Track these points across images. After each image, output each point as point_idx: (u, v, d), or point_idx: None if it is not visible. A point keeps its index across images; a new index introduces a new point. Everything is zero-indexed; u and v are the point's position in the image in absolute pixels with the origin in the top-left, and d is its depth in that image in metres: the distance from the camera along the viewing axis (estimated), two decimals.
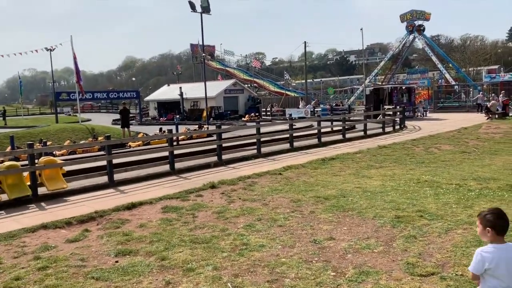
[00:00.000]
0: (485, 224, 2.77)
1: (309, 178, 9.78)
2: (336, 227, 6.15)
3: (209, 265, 4.88)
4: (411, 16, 54.26)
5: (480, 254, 2.76)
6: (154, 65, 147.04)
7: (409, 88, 30.39)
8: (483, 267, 2.73)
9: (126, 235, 6.14)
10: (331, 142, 16.27)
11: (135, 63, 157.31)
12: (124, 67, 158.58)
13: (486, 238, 2.80)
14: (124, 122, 23.55)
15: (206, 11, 29.27)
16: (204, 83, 34.33)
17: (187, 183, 9.97)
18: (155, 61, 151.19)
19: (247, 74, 66.15)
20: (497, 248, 2.74)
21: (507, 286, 2.72)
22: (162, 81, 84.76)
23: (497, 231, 2.74)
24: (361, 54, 67.60)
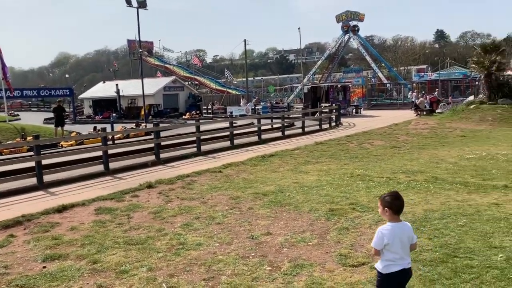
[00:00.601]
0: (384, 205, 3.14)
1: (248, 175, 9.84)
2: (273, 222, 6.23)
3: (144, 266, 4.76)
4: (346, 16, 56.33)
5: (381, 232, 3.12)
6: (89, 61, 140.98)
7: (344, 87, 31.53)
8: (383, 243, 3.10)
9: (56, 239, 5.83)
10: (271, 139, 16.48)
11: (69, 59, 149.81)
12: (57, 63, 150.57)
13: (386, 217, 3.16)
14: (58, 121, 22.50)
15: (142, 6, 28.52)
16: (141, 80, 33.46)
17: (122, 183, 9.66)
18: (90, 57, 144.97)
19: (188, 71, 65.30)
20: (394, 226, 3.13)
21: (401, 257, 3.13)
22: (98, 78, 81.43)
23: (394, 211, 3.12)
24: (300, 53, 69.07)
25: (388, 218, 3.15)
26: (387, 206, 3.12)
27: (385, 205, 3.13)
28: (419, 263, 4.51)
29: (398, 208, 3.14)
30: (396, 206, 3.12)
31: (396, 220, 3.15)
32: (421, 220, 5.97)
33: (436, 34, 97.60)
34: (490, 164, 10.08)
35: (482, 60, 22.66)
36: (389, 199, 3.13)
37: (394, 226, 3.12)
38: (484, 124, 19.37)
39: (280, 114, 20.51)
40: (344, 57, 79.74)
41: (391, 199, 3.13)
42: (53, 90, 46.66)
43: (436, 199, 7.08)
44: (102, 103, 46.83)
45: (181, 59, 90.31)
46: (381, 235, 3.11)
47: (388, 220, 3.16)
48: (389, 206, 3.11)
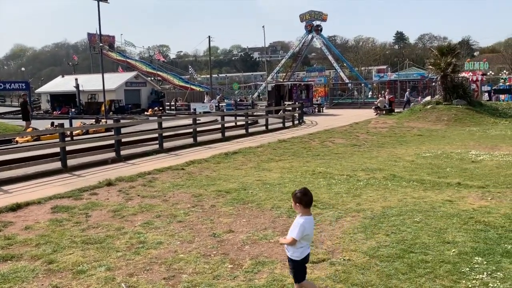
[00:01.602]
0: (295, 201, 3.61)
1: (211, 173, 9.79)
2: (235, 220, 6.23)
3: (102, 266, 4.64)
4: (310, 16, 57.03)
5: (303, 225, 3.54)
6: (48, 54, 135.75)
7: (307, 85, 31.93)
8: (303, 234, 3.55)
9: (9, 239, 5.59)
10: (234, 137, 16.47)
11: (25, 52, 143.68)
12: (12, 56, 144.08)
13: (298, 210, 3.62)
14: (24, 115, 22.00)
15: None
16: (102, 74, 32.62)
17: (81, 181, 9.38)
18: (49, 50, 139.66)
19: (150, 66, 64.19)
20: (308, 219, 3.60)
21: (308, 244, 3.70)
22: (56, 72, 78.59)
23: (304, 205, 3.58)
24: (264, 52, 69.35)
25: (301, 212, 3.60)
26: (298, 201, 3.57)
27: (296, 201, 3.58)
28: (376, 259, 4.63)
29: (307, 202, 3.59)
30: (305, 201, 3.58)
31: (308, 213, 3.62)
32: (379, 217, 6.13)
33: (396, 36, 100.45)
34: (445, 163, 10.49)
35: (438, 62, 23.49)
36: (299, 195, 3.58)
37: (308, 219, 3.59)
38: (439, 123, 20.13)
39: (244, 112, 20.49)
40: (308, 56, 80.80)
41: (301, 195, 3.58)
42: (8, 83, 44.43)
43: (394, 196, 7.30)
44: (60, 98, 45.29)
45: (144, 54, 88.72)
46: (303, 228, 3.53)
47: (301, 214, 3.60)
48: (300, 201, 3.57)
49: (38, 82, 72.50)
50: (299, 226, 3.52)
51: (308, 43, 61.60)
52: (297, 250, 3.60)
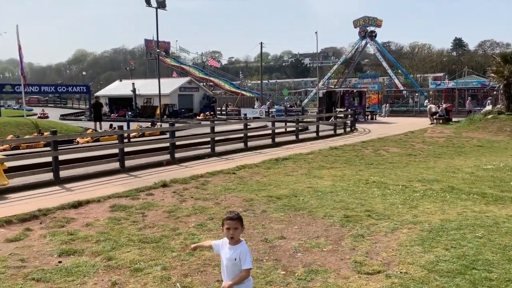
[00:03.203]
0: (239, 223, 3.22)
1: (262, 178, 9.83)
2: (287, 226, 6.20)
3: (158, 265, 4.77)
4: (364, 22, 56.00)
5: (251, 252, 3.31)
6: (107, 59, 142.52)
7: (360, 92, 31.34)
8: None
9: (71, 235, 5.89)
10: (284, 143, 16.45)
11: (86, 57, 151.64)
12: (75, 61, 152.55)
13: (237, 236, 3.24)
14: (96, 116, 23.62)
15: (161, 6, 28.76)
16: (158, 79, 33.73)
17: (137, 181, 9.72)
18: (108, 55, 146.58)
19: (203, 72, 65.61)
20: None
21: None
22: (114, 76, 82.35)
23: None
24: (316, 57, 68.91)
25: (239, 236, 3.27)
26: (241, 223, 3.24)
27: (240, 222, 3.22)
28: (435, 274, 4.44)
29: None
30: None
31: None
32: (437, 230, 5.88)
33: (454, 42, 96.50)
34: (508, 176, 9.89)
35: (501, 70, 22.28)
36: (240, 217, 3.26)
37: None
38: (501, 134, 19.05)
39: (294, 118, 20.42)
40: (360, 62, 79.32)
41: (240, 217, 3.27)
42: (70, 87, 47.33)
43: (453, 209, 6.97)
44: (118, 101, 47.29)
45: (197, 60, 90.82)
46: (251, 254, 3.27)
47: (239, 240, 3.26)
48: (242, 224, 3.25)
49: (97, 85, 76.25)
50: (249, 253, 3.24)
51: (361, 49, 60.50)
52: (250, 281, 3.30)
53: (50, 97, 71.74)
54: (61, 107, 66.07)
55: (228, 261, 3.24)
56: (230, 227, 3.20)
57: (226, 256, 3.25)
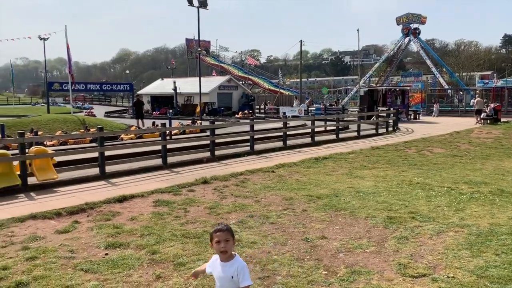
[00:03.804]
0: (230, 235, 2.82)
1: (301, 177, 9.77)
2: (328, 226, 6.14)
3: (201, 260, 4.84)
4: (407, 19, 54.48)
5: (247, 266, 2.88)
6: (149, 58, 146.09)
7: (403, 91, 30.52)
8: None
9: (117, 228, 6.07)
10: (324, 142, 16.28)
11: (129, 56, 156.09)
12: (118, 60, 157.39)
13: (229, 249, 2.83)
14: (138, 114, 24.40)
15: (203, 5, 29.13)
16: (199, 78, 34.22)
17: (179, 177, 9.91)
18: (150, 54, 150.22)
19: (242, 71, 66.01)
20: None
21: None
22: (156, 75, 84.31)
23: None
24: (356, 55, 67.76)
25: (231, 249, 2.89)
26: (232, 235, 2.85)
27: (231, 234, 2.84)
28: (485, 280, 4.26)
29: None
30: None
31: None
32: (486, 234, 5.64)
33: (504, 39, 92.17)
34: None
35: None
36: (230, 229, 2.89)
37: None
38: None
39: (334, 117, 20.19)
40: (403, 60, 77.27)
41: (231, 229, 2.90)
42: (115, 85, 48.76)
43: (503, 213, 6.67)
44: (159, 99, 48.39)
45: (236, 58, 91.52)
46: (248, 269, 2.88)
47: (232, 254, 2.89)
48: (233, 236, 2.86)
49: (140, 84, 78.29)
50: (247, 267, 2.85)
51: (404, 47, 58.90)
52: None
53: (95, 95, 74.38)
54: (105, 104, 68.43)
55: (223, 280, 2.83)
56: (220, 240, 2.80)
57: (220, 275, 2.84)
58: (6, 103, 65.10)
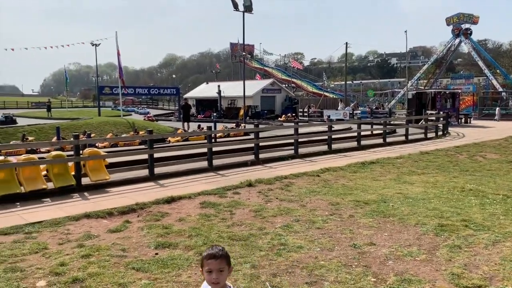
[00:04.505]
0: (226, 262, 2.41)
1: (348, 182, 9.62)
2: (376, 233, 6.00)
3: (247, 262, 4.87)
4: (458, 19, 52.45)
5: None
6: (194, 63, 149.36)
7: (453, 94, 29.40)
8: None
9: (166, 228, 6.23)
10: (370, 146, 15.96)
11: (176, 61, 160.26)
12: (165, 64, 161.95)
13: (224, 275, 2.42)
14: (185, 117, 25.06)
15: (248, 10, 29.41)
16: (243, 82, 34.54)
17: (224, 180, 10.03)
18: (195, 59, 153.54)
19: (285, 74, 66.00)
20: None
21: None
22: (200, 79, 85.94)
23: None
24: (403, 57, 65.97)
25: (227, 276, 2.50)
26: (228, 262, 2.42)
27: (227, 261, 2.41)
28: None
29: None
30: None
31: None
32: None
33: None
34: None
35: None
36: (227, 254, 2.47)
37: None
38: None
39: (381, 120, 19.75)
40: (453, 62, 74.43)
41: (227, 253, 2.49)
42: (162, 89, 50.21)
43: None
44: (204, 102, 49.31)
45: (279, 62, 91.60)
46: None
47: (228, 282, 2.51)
48: (229, 263, 2.44)
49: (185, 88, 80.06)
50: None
51: (454, 48, 56.69)
52: None
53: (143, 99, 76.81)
54: (152, 107, 70.45)
55: None
56: (212, 269, 2.36)
57: None
58: (60, 107, 68.47)
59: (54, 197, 8.43)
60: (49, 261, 5.02)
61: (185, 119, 25.41)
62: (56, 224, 6.52)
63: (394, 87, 72.76)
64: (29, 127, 25.48)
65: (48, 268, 4.79)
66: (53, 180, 8.72)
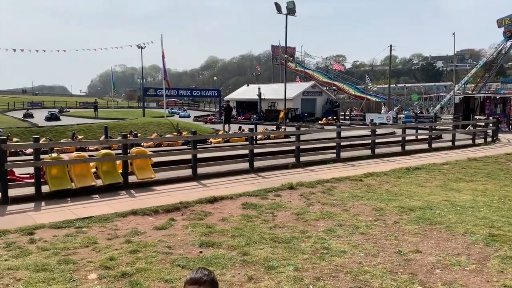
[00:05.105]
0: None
1: (392, 187, 9.42)
2: (422, 240, 5.85)
3: (290, 265, 4.87)
4: (510, 21, 50.20)
5: None
6: (234, 65, 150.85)
7: (504, 99, 28.11)
8: None
9: (209, 228, 6.33)
10: (415, 151, 15.54)
11: (217, 63, 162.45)
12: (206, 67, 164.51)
13: None
14: (227, 118, 25.52)
15: (291, 13, 29.40)
16: (285, 84, 34.55)
17: (265, 182, 10.07)
18: (236, 61, 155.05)
19: (327, 76, 65.43)
20: None
21: None
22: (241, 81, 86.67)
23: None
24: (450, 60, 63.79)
25: None
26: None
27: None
28: None
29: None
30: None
31: None
32: None
33: None
34: None
35: None
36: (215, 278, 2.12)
37: None
38: None
39: (426, 125, 19.18)
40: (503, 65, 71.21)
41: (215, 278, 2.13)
42: (204, 91, 51.09)
43: None
44: (244, 104, 49.65)
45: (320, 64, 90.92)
46: None
47: None
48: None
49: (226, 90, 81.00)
50: None
51: (506, 51, 54.30)
52: None
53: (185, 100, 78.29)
54: (194, 109, 71.69)
55: None
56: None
57: None
58: (106, 107, 70.98)
59: (102, 194, 8.76)
60: (99, 255, 5.22)
61: (227, 120, 25.74)
62: (105, 220, 6.78)
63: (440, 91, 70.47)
64: (78, 126, 26.63)
65: (99, 261, 4.98)
66: (102, 177, 9.06)
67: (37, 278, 4.49)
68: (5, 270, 4.72)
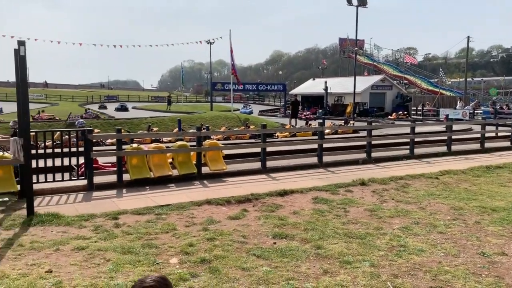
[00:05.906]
0: None
1: (471, 186, 8.94)
2: (508, 242, 5.51)
3: (366, 261, 4.81)
4: None
5: None
6: (300, 59, 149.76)
7: None
8: None
9: (281, 220, 6.41)
10: (495, 149, 14.58)
11: (282, 57, 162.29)
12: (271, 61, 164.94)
13: None
14: (293, 113, 25.72)
15: (362, 4, 28.70)
16: (354, 78, 33.89)
17: (335, 177, 9.97)
18: (301, 55, 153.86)
19: (397, 69, 63.00)
20: None
21: None
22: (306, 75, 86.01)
23: None
24: None
25: None
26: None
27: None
28: None
29: None
30: None
31: None
32: None
33: None
34: None
35: None
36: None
37: None
38: None
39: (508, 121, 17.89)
40: None
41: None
42: (269, 85, 51.40)
43: None
44: (310, 99, 49.31)
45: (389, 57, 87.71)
46: None
47: None
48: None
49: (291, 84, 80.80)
50: None
51: None
52: None
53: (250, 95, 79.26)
54: (259, 103, 72.38)
55: None
56: None
57: None
58: (176, 101, 73.70)
59: (178, 183, 9.16)
60: (179, 241, 5.49)
61: (293, 115, 25.75)
62: (182, 208, 7.09)
63: None
64: (151, 119, 27.91)
65: (179, 247, 5.24)
66: (177, 167, 9.48)
67: (124, 259, 4.82)
68: (96, 251, 5.11)
